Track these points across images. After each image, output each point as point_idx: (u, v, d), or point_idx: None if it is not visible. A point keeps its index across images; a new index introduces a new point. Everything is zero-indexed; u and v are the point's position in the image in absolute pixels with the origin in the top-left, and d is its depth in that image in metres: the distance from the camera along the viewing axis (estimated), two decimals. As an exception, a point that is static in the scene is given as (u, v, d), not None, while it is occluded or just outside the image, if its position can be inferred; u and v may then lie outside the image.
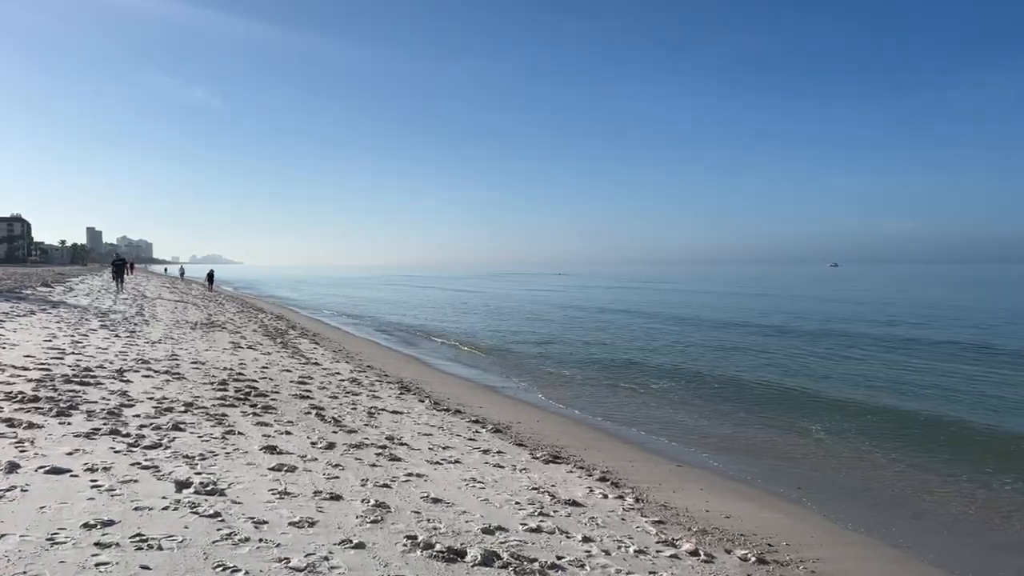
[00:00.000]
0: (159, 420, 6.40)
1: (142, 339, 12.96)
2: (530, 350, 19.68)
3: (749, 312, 35.28)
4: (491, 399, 11.37)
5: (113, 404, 6.82)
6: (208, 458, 5.34)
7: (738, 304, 42.37)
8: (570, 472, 6.57)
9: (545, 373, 15.33)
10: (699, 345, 21.00)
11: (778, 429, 10.19)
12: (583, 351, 19.43)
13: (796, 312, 35.09)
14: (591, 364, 16.85)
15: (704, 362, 17.43)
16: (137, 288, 37.22)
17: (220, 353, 12.37)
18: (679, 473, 7.37)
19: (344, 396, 9.41)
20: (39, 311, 15.63)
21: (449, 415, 8.97)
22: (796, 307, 39.08)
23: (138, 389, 7.84)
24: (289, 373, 10.94)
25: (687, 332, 25.22)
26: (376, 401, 9.33)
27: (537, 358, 17.92)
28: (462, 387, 12.49)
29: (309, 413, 7.80)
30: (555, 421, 9.88)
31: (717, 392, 13.30)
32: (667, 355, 18.56)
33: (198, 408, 7.21)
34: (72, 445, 5.21)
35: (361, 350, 17.19)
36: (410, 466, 5.98)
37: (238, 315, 23.75)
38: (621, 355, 18.66)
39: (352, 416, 7.98)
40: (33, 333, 11.81)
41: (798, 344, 21.21)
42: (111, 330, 13.65)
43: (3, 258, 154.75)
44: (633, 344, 21.22)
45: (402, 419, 8.24)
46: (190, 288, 48.26)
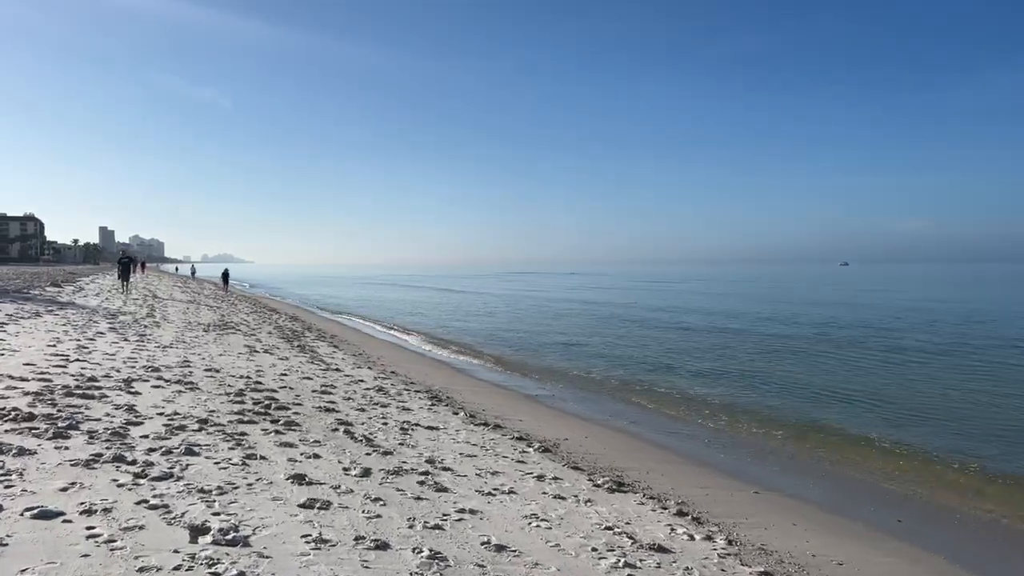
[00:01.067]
0: (170, 441, 5.66)
1: (152, 343, 12.30)
2: (561, 352, 18.84)
3: (782, 311, 34.18)
4: (530, 410, 10.55)
5: (118, 422, 6.09)
6: (227, 492, 4.57)
7: (768, 303, 41.23)
8: (641, 504, 5.74)
9: (580, 378, 14.49)
10: (739, 347, 20.05)
11: (847, 441, 9.31)
12: (617, 353, 18.57)
13: (830, 313, 33.95)
14: (628, 367, 16.00)
15: (749, 365, 16.51)
16: (148, 288, 36.84)
17: (235, 358, 11.67)
18: (761, 502, 6.52)
19: (372, 408, 8.64)
20: (45, 313, 15.04)
21: (489, 431, 8.17)
22: (828, 308, 37.92)
23: (147, 402, 7.12)
24: (310, 381, 10.21)
25: (722, 332, 24.26)
26: (407, 414, 8.55)
27: (570, 361, 17.09)
28: (496, 396, 11.69)
29: (337, 430, 7.04)
30: (604, 436, 9.05)
31: (770, 397, 12.41)
32: (708, 358, 17.65)
33: (214, 425, 6.47)
34: (68, 477, 4.47)
35: (382, 354, 16.45)
36: (460, 498, 5.18)
37: (252, 316, 23.14)
38: (658, 358, 17.78)
39: (384, 433, 7.20)
40: (37, 337, 11.17)
41: (844, 345, 20.20)
42: (120, 333, 13.01)
43: (16, 257, 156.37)
44: (669, 346, 20.32)
45: (439, 436, 7.45)
46: (202, 288, 47.94)
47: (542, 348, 19.90)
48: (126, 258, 30.34)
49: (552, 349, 19.67)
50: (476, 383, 13.26)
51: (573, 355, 18.39)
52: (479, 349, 19.61)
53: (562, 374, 15.05)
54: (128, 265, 29.67)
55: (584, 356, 18.14)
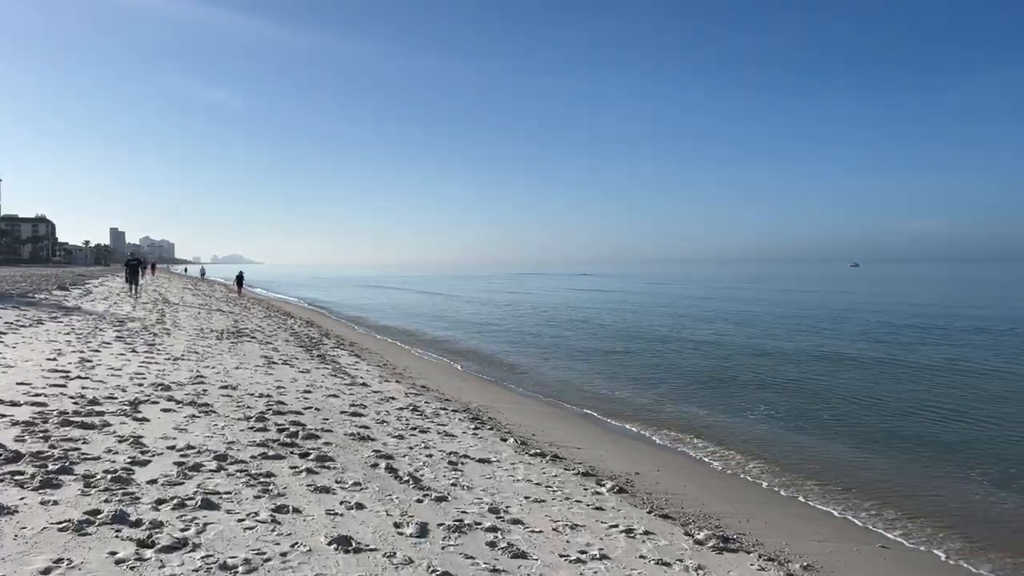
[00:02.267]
0: (183, 487, 4.69)
1: (162, 354, 11.39)
2: (602, 360, 17.70)
3: (821, 312, 32.88)
4: (584, 434, 9.50)
5: (121, 462, 5.13)
6: (257, 568, 3.59)
7: (800, 303, 39.89)
8: (761, 571, 4.69)
9: (629, 392, 13.37)
10: (794, 355, 18.86)
11: (964, 474, 8.19)
12: (664, 362, 17.46)
13: (883, 317, 32.62)
14: (678, 378, 14.87)
15: (812, 376, 15.36)
16: (158, 290, 36.17)
17: (253, 372, 10.73)
18: (895, 563, 5.45)
19: (411, 434, 7.64)
20: (48, 319, 14.21)
21: (548, 463, 7.14)
22: (886, 311, 36.56)
23: (155, 432, 6.17)
24: (337, 399, 9.23)
25: (771, 338, 23.06)
26: (451, 442, 7.54)
27: (614, 370, 15.97)
28: (543, 416, 10.64)
29: (377, 465, 6.04)
30: (680, 468, 7.98)
31: (845, 418, 11.27)
32: (767, 369, 16.50)
33: (234, 463, 5.50)
34: (52, 551, 3.50)
35: (408, 364, 15.47)
36: (545, 569, 4.16)
37: (266, 321, 22.28)
38: (710, 365, 16.64)
39: (432, 469, 6.20)
40: (36, 349, 10.29)
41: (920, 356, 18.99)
42: (127, 343, 12.12)
43: (28, 259, 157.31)
44: (715, 353, 19.15)
45: (494, 472, 6.43)
46: (213, 290, 47.31)
47: (584, 355, 18.83)
48: (134, 259, 29.15)
49: (595, 357, 18.58)
50: (516, 399, 12.23)
51: (620, 362, 17.28)
52: (512, 357, 18.58)
53: (610, 387, 13.94)
54: (136, 267, 28.42)
55: (633, 364, 17.03)
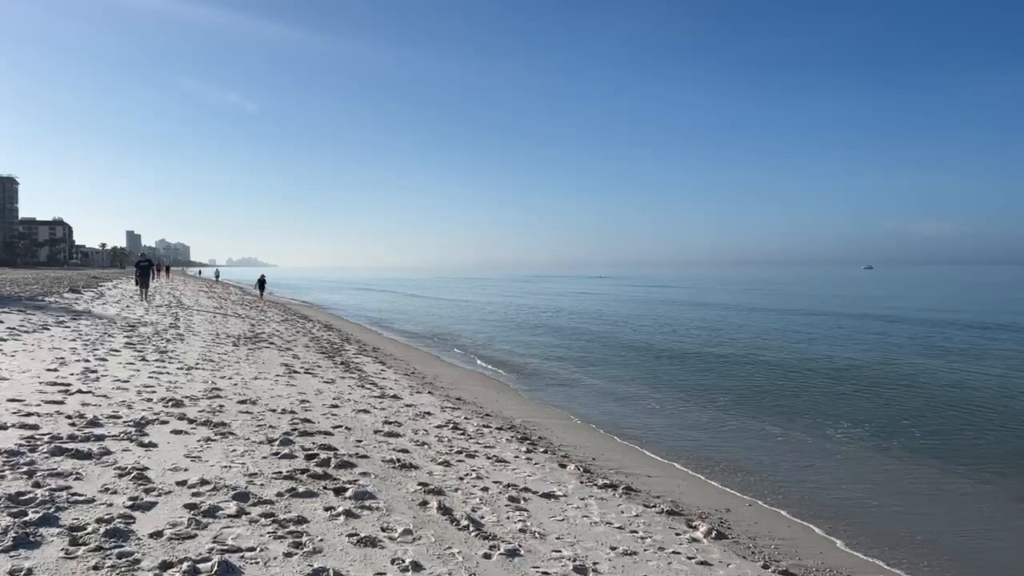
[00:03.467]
0: (195, 543, 3.73)
1: (175, 363, 10.51)
2: (647, 368, 16.57)
3: (854, 318, 31.51)
4: (656, 462, 8.39)
5: (120, 506, 4.18)
6: None
7: (833, 308, 38.49)
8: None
9: (685, 406, 12.28)
10: (854, 364, 17.66)
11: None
12: (712, 372, 16.32)
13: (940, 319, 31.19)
14: (731, 392, 13.72)
15: (884, 386, 14.18)
16: (173, 293, 35.59)
17: (273, 383, 9.81)
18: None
19: (456, 459, 6.65)
20: (55, 324, 13.40)
21: (621, 497, 6.11)
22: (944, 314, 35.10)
23: (164, 462, 5.22)
24: (368, 415, 8.27)
25: (819, 345, 21.84)
26: (504, 469, 6.54)
27: (663, 381, 14.84)
28: (599, 437, 9.57)
29: (427, 504, 5.05)
30: (780, 510, 6.89)
31: (940, 433, 10.11)
32: (834, 378, 15.34)
33: (258, 502, 4.54)
34: (13, 659, 2.54)
35: (437, 372, 14.50)
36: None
37: (284, 325, 21.44)
38: (763, 376, 15.42)
39: (492, 509, 5.19)
40: (37, 358, 9.43)
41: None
42: (137, 350, 11.25)
43: (45, 261, 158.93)
44: (768, 362, 17.98)
45: (565, 512, 5.42)
46: (228, 292, 46.80)
47: (626, 362, 17.76)
48: (144, 261, 26.09)
49: (638, 363, 17.50)
50: (559, 414, 11.18)
51: (667, 371, 16.16)
52: (546, 365, 17.55)
53: (667, 402, 12.81)
54: (147, 269, 25.76)
55: (683, 374, 15.88)
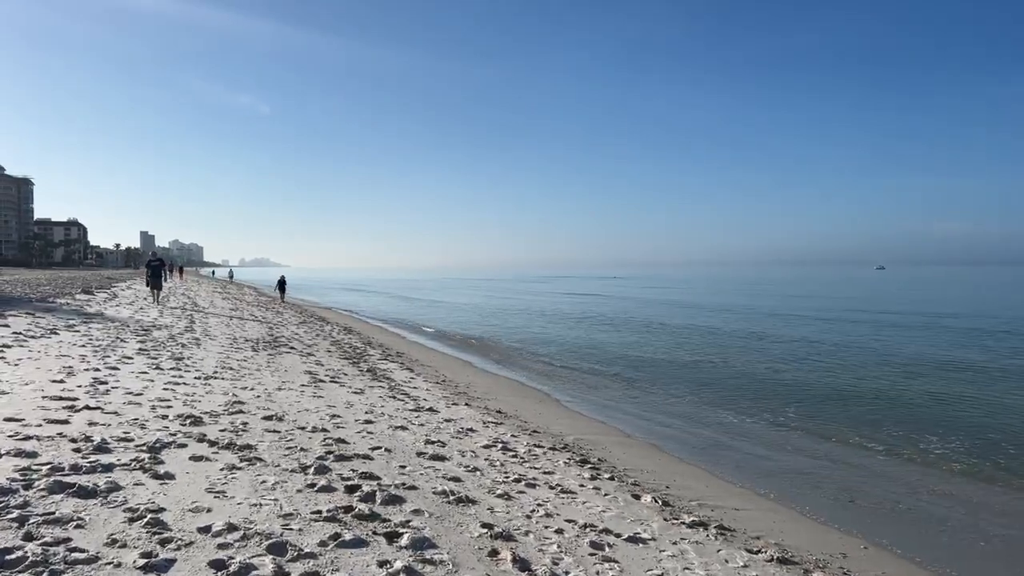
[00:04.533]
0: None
1: (191, 371, 9.73)
2: (692, 377, 15.62)
3: (891, 317, 30.31)
4: (734, 490, 7.47)
5: (129, 565, 3.35)
6: None
7: (867, 307, 37.27)
8: None
9: (740, 417, 11.34)
10: (913, 366, 16.64)
11: None
12: (766, 377, 15.38)
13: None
14: (800, 403, 12.70)
15: (950, 390, 13.19)
16: (187, 294, 35.05)
17: (299, 394, 9.00)
18: None
19: (517, 490, 5.78)
20: (64, 328, 12.69)
21: (715, 538, 5.21)
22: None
23: (182, 499, 4.40)
24: (406, 433, 7.43)
25: (869, 349, 20.79)
26: (573, 502, 5.67)
27: (714, 389, 13.90)
28: (662, 458, 8.62)
29: (498, 555, 4.19)
30: (899, 537, 5.96)
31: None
32: (903, 383, 14.34)
33: (297, 556, 3.71)
34: None
35: (470, 380, 13.65)
36: None
37: (303, 328, 20.70)
38: (839, 390, 14.17)
39: (576, 560, 4.31)
40: (43, 366, 8.68)
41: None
42: (151, 357, 10.49)
43: (60, 261, 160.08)
44: (828, 371, 16.98)
45: (660, 562, 4.53)
46: (243, 293, 46.31)
47: (660, 372, 16.84)
48: (156, 260, 23.95)
49: (673, 373, 16.57)
50: (615, 431, 10.25)
51: (716, 380, 15.24)
52: (584, 372, 16.66)
53: (711, 413, 11.92)
54: (159, 269, 23.76)
55: (735, 384, 14.96)
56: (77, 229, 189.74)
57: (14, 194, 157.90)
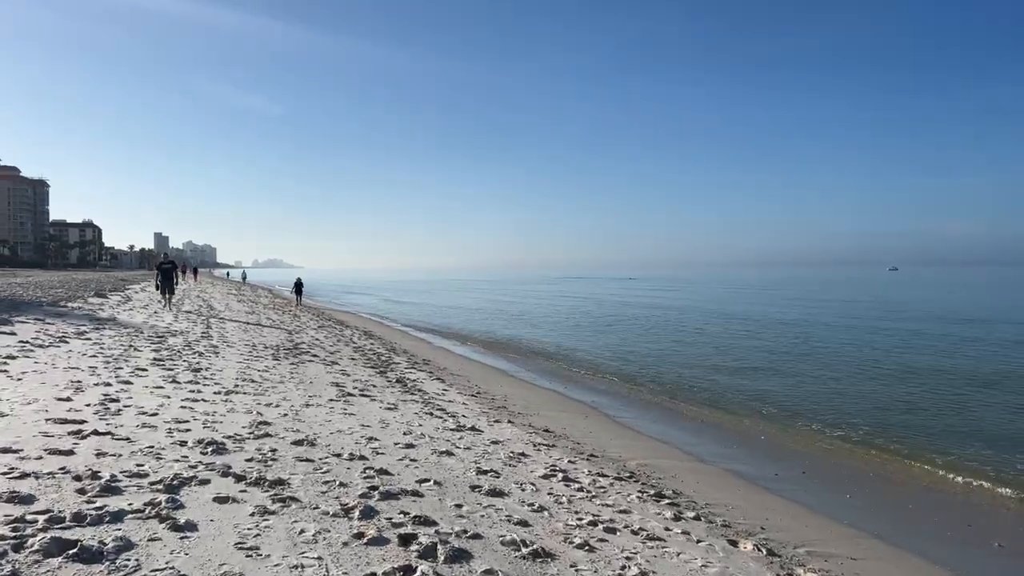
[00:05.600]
0: None
1: (211, 384, 8.96)
2: (744, 387, 14.67)
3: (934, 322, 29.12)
4: (847, 534, 6.55)
5: None
6: None
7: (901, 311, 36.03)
8: None
9: (811, 433, 10.42)
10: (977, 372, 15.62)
11: None
12: (829, 386, 14.42)
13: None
14: (876, 414, 11.80)
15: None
16: (202, 296, 34.52)
17: (328, 411, 8.20)
18: None
19: (596, 537, 4.93)
20: (75, 336, 12.00)
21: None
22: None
23: (207, 561, 3.59)
24: (454, 460, 6.60)
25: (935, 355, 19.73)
26: (667, 554, 4.80)
27: (774, 400, 12.96)
28: (746, 491, 7.67)
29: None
30: None
31: None
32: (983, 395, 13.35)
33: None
34: None
35: (506, 392, 12.80)
36: None
37: (322, 333, 19.97)
38: (913, 403, 13.28)
39: (698, 642, 3.47)
40: (49, 382, 7.94)
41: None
42: (167, 369, 9.74)
43: (75, 263, 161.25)
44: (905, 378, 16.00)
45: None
46: (257, 295, 45.83)
47: (708, 379, 15.92)
48: (168, 262, 22.27)
49: (725, 383, 15.62)
50: (679, 454, 9.33)
51: (771, 394, 14.19)
52: (627, 387, 15.76)
53: (780, 431, 10.98)
54: (171, 272, 22.00)
55: (792, 395, 13.99)
56: (92, 230, 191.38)
57: (30, 196, 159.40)
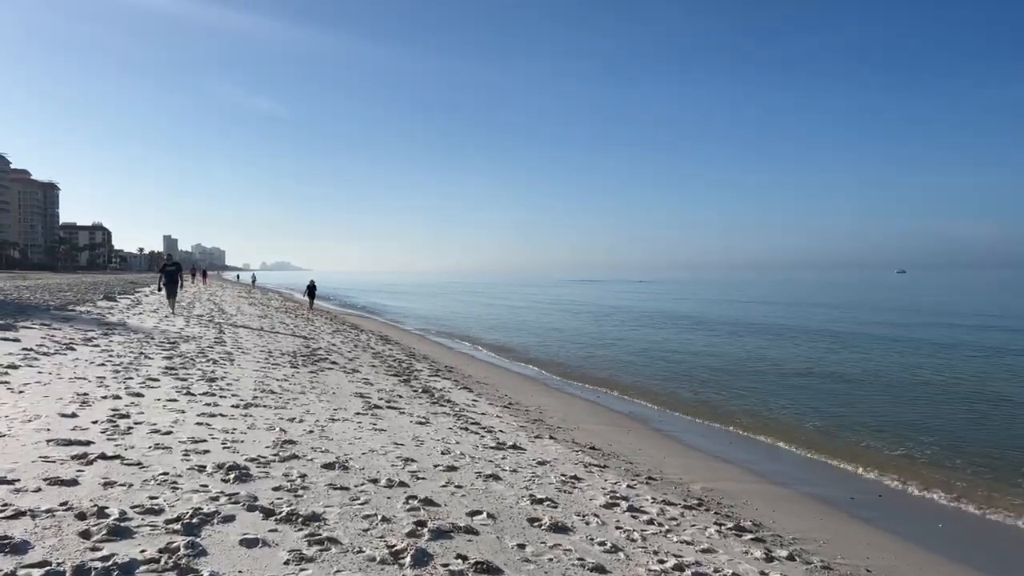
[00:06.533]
0: None
1: (227, 396, 8.30)
2: (798, 395, 13.81)
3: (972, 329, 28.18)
4: (926, 553, 5.85)
5: None
6: None
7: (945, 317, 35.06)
8: None
9: (918, 458, 9.53)
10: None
11: None
12: (900, 394, 13.60)
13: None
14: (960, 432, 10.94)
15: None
16: (213, 299, 34.03)
17: (356, 426, 7.52)
18: None
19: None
20: (82, 342, 11.38)
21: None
22: None
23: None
24: (503, 486, 5.89)
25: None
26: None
27: (854, 407, 12.16)
28: (834, 518, 6.84)
29: None
30: None
31: None
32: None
33: None
34: None
35: (540, 403, 12.08)
36: None
37: (337, 337, 19.33)
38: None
39: None
40: (53, 393, 7.30)
41: None
42: (180, 378, 9.09)
43: (85, 265, 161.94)
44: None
45: None
46: (268, 298, 45.36)
47: (753, 383, 15.15)
48: (172, 265, 20.89)
49: (775, 388, 14.83)
50: (746, 474, 8.53)
51: (831, 404, 13.33)
52: (667, 396, 14.98)
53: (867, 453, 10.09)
54: (175, 274, 20.63)
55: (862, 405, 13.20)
56: (102, 233, 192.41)
57: (40, 199, 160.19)
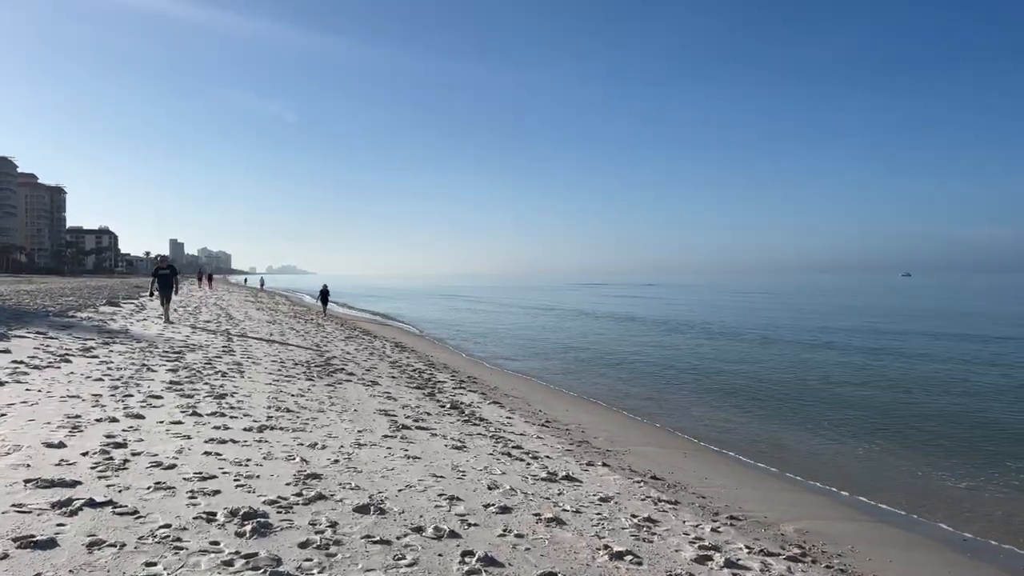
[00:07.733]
0: None
1: (239, 417, 7.38)
2: (867, 417, 12.67)
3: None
4: None
5: None
6: None
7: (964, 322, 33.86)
8: None
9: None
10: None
11: None
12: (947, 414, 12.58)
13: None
14: None
15: None
16: (219, 304, 33.22)
17: (386, 452, 6.58)
18: None
19: None
20: (80, 353, 10.49)
21: None
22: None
23: None
24: (569, 533, 4.93)
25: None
26: None
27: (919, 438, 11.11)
28: (962, 568, 5.96)
29: None
30: None
31: None
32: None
33: None
34: None
35: (580, 419, 11.06)
36: None
37: (351, 344, 18.43)
38: None
39: None
40: (40, 416, 6.38)
41: None
42: (186, 395, 8.18)
43: (92, 269, 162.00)
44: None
45: None
46: (276, 302, 44.56)
47: (819, 399, 14.12)
48: (166, 268, 19.39)
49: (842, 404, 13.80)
50: (847, 509, 7.54)
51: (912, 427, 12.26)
52: (712, 413, 13.96)
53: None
54: (170, 279, 19.06)
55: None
56: (108, 237, 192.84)
57: (47, 202, 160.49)
